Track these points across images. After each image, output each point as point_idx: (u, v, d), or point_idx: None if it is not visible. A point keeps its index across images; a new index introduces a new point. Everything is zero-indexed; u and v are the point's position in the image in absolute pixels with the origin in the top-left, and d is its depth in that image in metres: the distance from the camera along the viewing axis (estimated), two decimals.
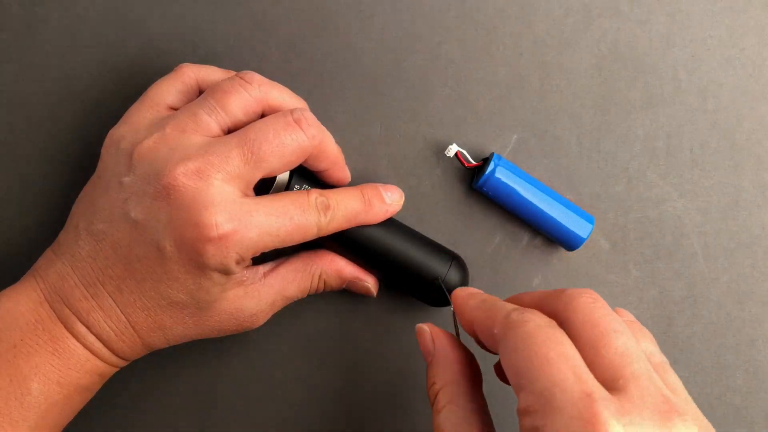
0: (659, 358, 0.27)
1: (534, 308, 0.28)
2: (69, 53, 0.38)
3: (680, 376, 0.35)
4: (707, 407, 0.40)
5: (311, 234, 0.32)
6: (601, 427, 0.22)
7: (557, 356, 0.24)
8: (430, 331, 0.32)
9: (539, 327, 0.25)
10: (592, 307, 0.26)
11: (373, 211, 0.35)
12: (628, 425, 0.22)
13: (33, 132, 0.38)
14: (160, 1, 0.38)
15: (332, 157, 0.34)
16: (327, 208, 0.33)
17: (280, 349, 0.39)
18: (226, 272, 0.31)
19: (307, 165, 0.34)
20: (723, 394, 0.40)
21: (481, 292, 0.32)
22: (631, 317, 0.30)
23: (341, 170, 0.35)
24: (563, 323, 0.27)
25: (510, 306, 0.28)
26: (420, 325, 0.32)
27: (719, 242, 0.40)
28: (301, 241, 0.32)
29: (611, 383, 0.24)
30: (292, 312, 0.38)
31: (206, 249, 0.29)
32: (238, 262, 0.30)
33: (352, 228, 0.35)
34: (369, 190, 0.35)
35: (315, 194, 0.33)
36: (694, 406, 0.25)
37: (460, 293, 0.32)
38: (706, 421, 0.25)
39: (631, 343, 0.25)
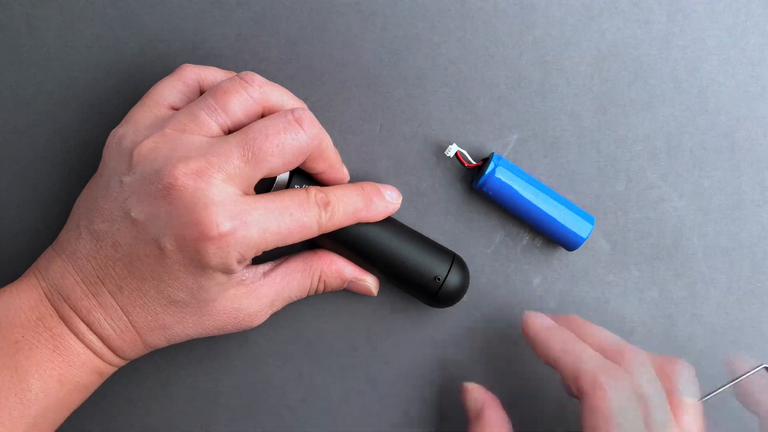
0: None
1: (605, 353, 0.33)
2: (69, 53, 0.38)
3: None
4: (707, 407, 0.40)
5: (312, 231, 0.32)
6: None
7: None
8: (478, 392, 0.35)
9: (620, 408, 0.30)
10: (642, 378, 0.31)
11: (374, 208, 0.35)
12: None
13: (33, 132, 0.38)
14: (160, 1, 0.38)
15: (330, 159, 0.34)
16: (327, 204, 0.33)
17: (280, 349, 0.39)
18: (227, 271, 0.31)
19: (305, 167, 0.34)
20: (723, 394, 0.40)
21: (551, 321, 0.35)
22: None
23: (339, 171, 0.35)
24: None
25: (594, 360, 0.32)
26: (467, 384, 0.36)
27: (719, 242, 0.40)
28: (303, 239, 0.32)
29: None
30: (292, 312, 0.38)
31: (207, 248, 0.29)
32: (239, 261, 0.30)
33: (352, 228, 0.35)
34: (369, 186, 0.35)
35: (314, 191, 0.33)
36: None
37: (531, 320, 0.35)
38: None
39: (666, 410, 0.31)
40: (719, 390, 0.40)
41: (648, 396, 0.31)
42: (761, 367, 0.40)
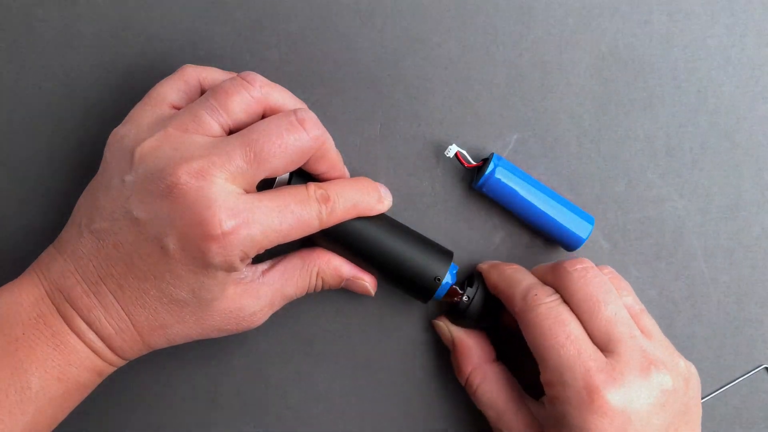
0: (637, 306, 0.34)
1: (542, 280, 0.35)
2: (69, 53, 0.38)
3: None
4: (707, 407, 0.40)
5: (313, 227, 0.32)
6: (598, 394, 0.30)
7: (565, 338, 0.32)
8: (446, 325, 0.38)
9: (549, 309, 0.33)
10: (585, 281, 0.33)
11: (372, 202, 0.35)
12: (619, 388, 0.30)
13: (33, 131, 0.38)
14: (160, 1, 0.38)
15: (332, 160, 0.34)
16: (327, 200, 0.33)
17: (280, 349, 0.39)
18: (230, 269, 0.31)
19: (306, 168, 0.34)
20: (723, 395, 0.40)
21: (500, 262, 0.38)
22: (610, 270, 0.35)
23: (340, 172, 0.35)
24: (565, 297, 0.33)
25: (525, 282, 0.34)
26: (435, 321, 0.38)
27: (719, 242, 0.40)
28: (304, 235, 0.32)
29: (604, 345, 0.32)
30: (292, 312, 0.38)
31: (210, 247, 0.29)
32: (242, 259, 0.31)
33: (352, 227, 0.35)
34: (366, 181, 0.36)
35: (314, 187, 0.33)
36: (666, 346, 0.33)
37: (483, 266, 0.38)
38: (676, 359, 0.33)
39: (617, 308, 0.33)
40: (719, 390, 0.40)
41: (594, 295, 0.33)
42: (761, 367, 0.40)
